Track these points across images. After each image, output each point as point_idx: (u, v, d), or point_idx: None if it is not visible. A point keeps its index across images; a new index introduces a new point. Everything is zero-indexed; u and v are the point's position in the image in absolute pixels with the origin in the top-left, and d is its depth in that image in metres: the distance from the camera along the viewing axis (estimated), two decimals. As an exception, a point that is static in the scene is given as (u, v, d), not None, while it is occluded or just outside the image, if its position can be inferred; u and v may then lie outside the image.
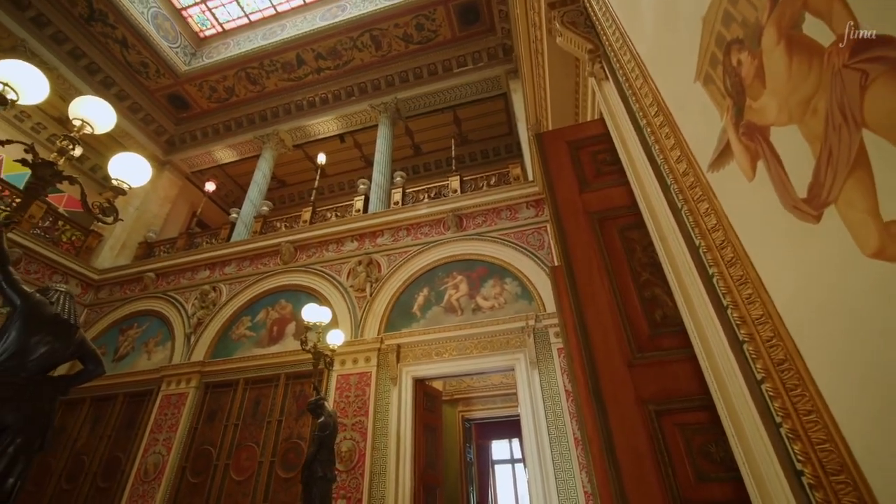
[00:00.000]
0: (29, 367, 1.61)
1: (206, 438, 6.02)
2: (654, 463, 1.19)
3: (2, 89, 1.68)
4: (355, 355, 5.92)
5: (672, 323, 1.41)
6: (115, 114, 2.17)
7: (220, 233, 8.70)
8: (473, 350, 5.55)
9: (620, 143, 1.61)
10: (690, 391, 1.30)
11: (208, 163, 10.83)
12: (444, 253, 6.55)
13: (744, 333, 0.92)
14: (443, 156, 11.37)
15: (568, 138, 1.91)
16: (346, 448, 5.22)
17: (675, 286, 1.23)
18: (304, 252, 7.48)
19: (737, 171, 0.93)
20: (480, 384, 9.28)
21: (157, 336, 7.48)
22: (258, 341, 6.75)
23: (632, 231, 1.62)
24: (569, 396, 4.93)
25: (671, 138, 1.19)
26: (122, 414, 6.70)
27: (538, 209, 6.53)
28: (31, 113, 9.46)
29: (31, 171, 1.74)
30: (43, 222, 7.89)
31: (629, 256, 1.56)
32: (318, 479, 3.77)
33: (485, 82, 8.95)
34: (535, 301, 5.68)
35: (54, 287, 1.88)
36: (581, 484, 4.46)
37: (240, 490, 5.48)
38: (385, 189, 7.93)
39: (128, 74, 9.32)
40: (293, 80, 9.77)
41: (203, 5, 9.50)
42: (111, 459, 6.24)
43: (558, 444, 4.70)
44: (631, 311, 1.45)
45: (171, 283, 8.05)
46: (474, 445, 9.50)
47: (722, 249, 0.99)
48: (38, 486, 6.28)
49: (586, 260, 1.56)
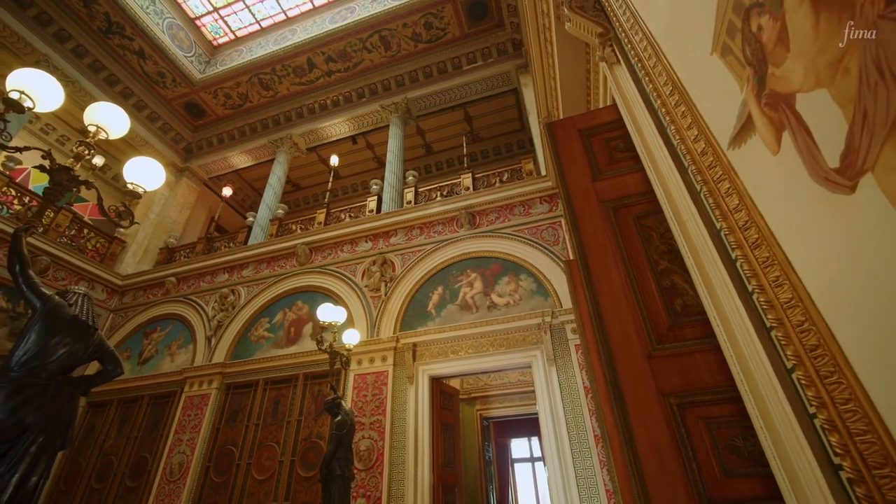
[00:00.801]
0: (50, 367, 1.64)
1: (229, 438, 6.13)
2: (678, 458, 1.14)
3: (18, 97, 1.71)
4: (372, 355, 5.94)
5: (693, 312, 1.35)
6: (129, 119, 2.21)
7: (238, 236, 8.84)
8: (489, 348, 5.51)
9: (634, 128, 1.55)
10: (714, 383, 1.24)
11: (225, 168, 11.03)
12: (457, 251, 6.52)
13: (771, 319, 0.86)
14: (455, 154, 11.35)
15: (580, 126, 1.86)
16: (364, 447, 5.24)
17: (696, 273, 1.17)
18: (319, 253, 7.55)
19: (760, 145, 0.87)
20: (498, 382, 9.22)
21: (179, 339, 7.65)
22: (276, 342, 6.84)
23: (648, 218, 1.55)
24: (588, 393, 4.84)
25: (687, 117, 1.13)
26: (147, 415, 6.87)
27: (552, 204, 6.44)
28: (55, 126, 9.79)
29: (49, 176, 1.78)
30: (69, 231, 8.15)
31: (646, 245, 1.50)
32: (336, 478, 3.78)
33: (495, 78, 8.88)
34: (551, 297, 5.60)
35: (73, 290, 1.92)
36: (602, 482, 4.38)
37: (262, 489, 5.56)
38: (397, 189, 7.94)
39: (145, 84, 9.56)
40: (305, 84, 9.87)
41: (216, 14, 9.67)
42: (138, 459, 6.40)
43: (578, 442, 4.62)
44: (649, 300, 1.40)
45: (192, 287, 8.22)
46: (493, 444, 9.45)
47: (745, 231, 0.93)
48: (69, 486, 6.50)
49: (601, 250, 1.51)
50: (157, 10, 8.86)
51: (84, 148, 1.96)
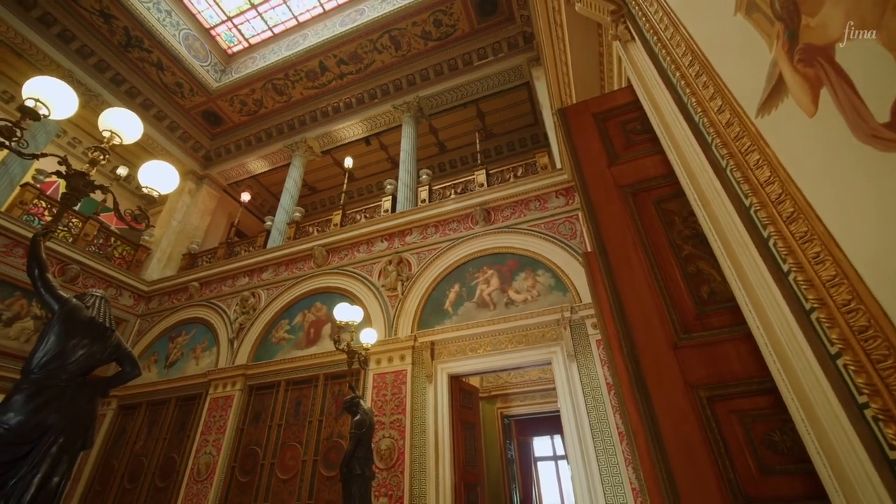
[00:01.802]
0: (69, 369, 1.67)
1: (253, 439, 6.22)
2: (709, 455, 1.06)
3: (33, 105, 1.75)
4: (390, 354, 5.94)
5: (721, 299, 1.27)
6: (142, 123, 2.24)
7: (257, 240, 8.99)
8: (508, 345, 5.43)
9: (651, 106, 1.47)
10: (746, 373, 1.16)
11: (243, 174, 11.24)
12: (473, 248, 6.46)
13: (812, 300, 0.78)
14: (468, 152, 11.28)
15: (594, 110, 1.78)
16: (385, 446, 5.24)
17: (723, 256, 1.09)
18: (336, 254, 7.60)
19: (793, 108, 0.79)
20: (518, 380, 9.12)
21: (203, 342, 7.82)
22: (297, 343, 6.91)
23: (669, 202, 1.47)
24: (610, 389, 4.72)
25: (709, 87, 1.05)
26: (175, 417, 7.04)
27: (568, 198, 6.32)
28: (81, 139, 10.15)
29: (66, 181, 1.81)
30: (97, 240, 8.42)
31: (668, 229, 1.41)
32: (356, 477, 3.78)
33: (507, 73, 8.78)
34: (570, 292, 5.49)
35: (91, 292, 1.96)
36: (628, 480, 4.25)
37: (286, 488, 5.63)
38: (412, 188, 7.93)
39: (164, 95, 9.81)
40: (317, 88, 9.96)
41: (229, 23, 9.85)
42: (167, 460, 6.57)
43: (601, 440, 4.51)
44: (673, 288, 1.31)
45: (214, 291, 8.39)
46: (515, 442, 9.35)
47: (779, 205, 0.85)
48: (103, 486, 6.72)
49: (620, 236, 1.43)
50: (173, 22, 9.08)
51: (99, 153, 1.98)
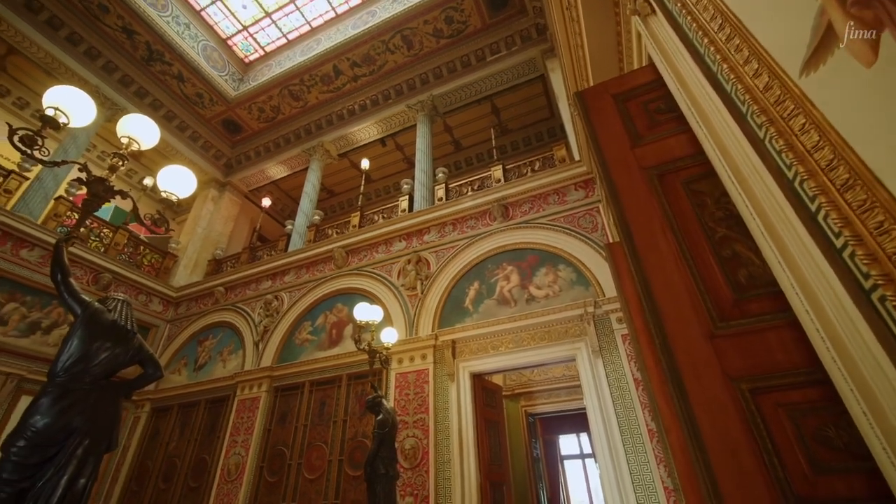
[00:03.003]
0: (93, 371, 1.70)
1: (279, 439, 6.31)
2: (754, 453, 0.97)
3: (53, 114, 1.78)
4: (412, 353, 5.92)
5: (761, 283, 1.17)
6: (160, 129, 2.26)
7: (278, 244, 9.13)
8: (530, 342, 5.33)
9: (676, 82, 1.38)
10: (792, 363, 1.06)
11: (263, 180, 11.45)
12: (491, 244, 6.38)
13: (876, 276, 0.69)
14: (484, 148, 11.18)
15: (613, 91, 1.69)
16: (409, 445, 5.23)
17: (764, 236, 1.00)
18: (355, 256, 7.64)
19: (846, 60, 0.71)
20: (541, 377, 8.98)
21: (230, 345, 7.99)
22: (319, 345, 6.98)
23: (699, 182, 1.37)
24: (638, 385, 4.57)
25: (743, 50, 0.96)
26: (204, 418, 7.21)
27: (588, 190, 6.16)
28: (109, 153, 10.53)
29: (86, 187, 1.84)
30: (127, 249, 8.72)
31: (699, 212, 1.32)
32: (380, 477, 3.77)
33: (520, 66, 8.65)
34: (593, 286, 5.35)
35: (113, 296, 1.99)
36: (660, 479, 4.10)
37: (313, 488, 5.68)
38: (428, 187, 7.90)
39: (185, 106, 10.08)
40: (332, 91, 10.05)
41: (245, 32, 10.05)
42: (198, 461, 6.73)
43: (630, 437, 4.37)
44: (707, 274, 1.22)
45: (239, 295, 8.57)
46: (540, 441, 9.21)
47: (830, 172, 0.76)
48: (139, 486, 6.94)
49: (646, 221, 1.35)
50: (192, 35, 9.31)
51: (118, 159, 2.01)
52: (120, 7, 8.16)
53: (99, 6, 8.11)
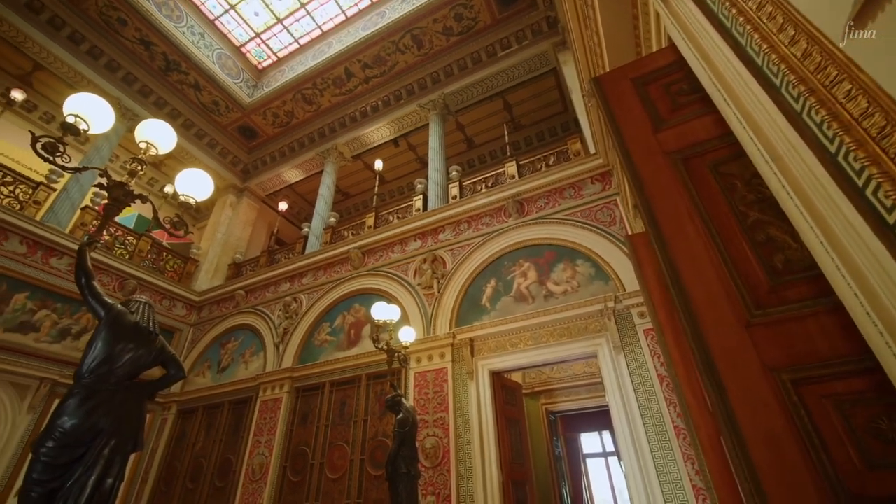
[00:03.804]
0: (117, 373, 1.73)
1: (302, 439, 6.38)
2: (799, 448, 0.91)
3: (73, 121, 1.81)
4: (430, 352, 5.91)
5: (799, 268, 1.10)
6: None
7: (295, 247, 9.25)
8: (549, 338, 5.26)
9: (700, 59, 1.31)
10: (835, 352, 0.99)
11: (279, 184, 11.62)
12: (507, 241, 6.32)
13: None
14: (497, 145, 11.10)
15: (632, 75, 1.63)
16: (429, 445, 5.21)
17: (803, 217, 0.93)
18: (371, 256, 7.67)
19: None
20: (561, 374, 8.86)
21: (251, 347, 8.12)
22: (338, 345, 7.03)
23: (728, 165, 1.31)
24: (663, 381, 4.45)
25: (777, 17, 0.90)
26: (229, 419, 7.35)
27: (605, 183, 6.04)
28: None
29: (107, 192, 1.87)
30: (150, 255, 8.94)
31: (728, 196, 1.25)
32: (402, 476, 3.76)
33: (532, 60, 8.55)
34: (613, 281, 5.24)
35: (135, 298, 2.02)
36: (687, 477, 3.99)
37: (336, 487, 5.72)
38: (442, 186, 7.88)
39: (203, 114, 10.29)
40: (344, 94, 10.12)
41: (258, 39, 10.20)
42: (224, 461, 6.86)
43: (656, 435, 4.26)
44: (740, 260, 1.16)
45: (258, 298, 8.70)
46: (562, 439, 9.09)
47: (882, 140, 0.70)
48: (168, 487, 7.12)
49: (673, 208, 1.29)
50: (206, 44, 9.50)
51: (137, 164, 2.04)
52: (137, 20, 8.38)
53: (118, 20, 8.34)
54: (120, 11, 8.21)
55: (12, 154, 8.27)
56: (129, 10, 8.20)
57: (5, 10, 7.37)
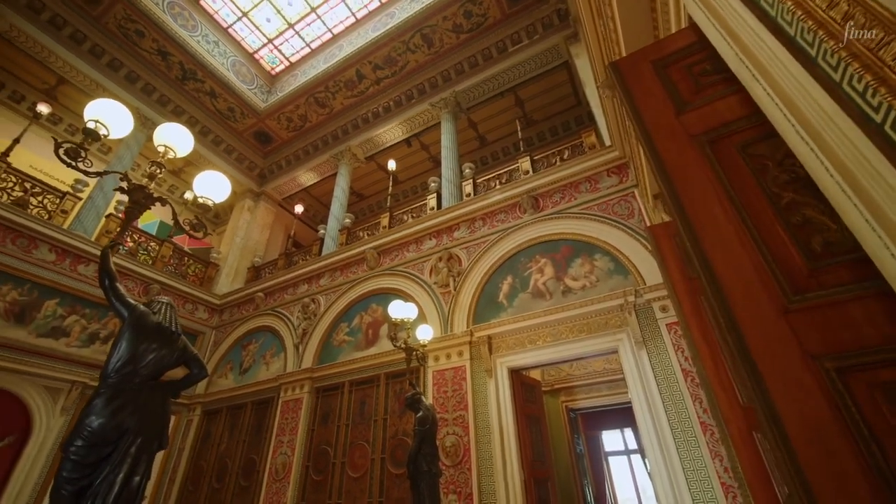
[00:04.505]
0: (141, 372, 1.76)
1: (323, 439, 6.44)
2: (847, 440, 0.85)
3: (94, 126, 1.85)
4: (448, 350, 5.89)
5: (839, 251, 1.04)
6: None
7: (312, 249, 9.35)
8: (569, 334, 5.18)
9: (726, 35, 1.25)
10: (882, 338, 0.93)
11: (295, 188, 11.76)
12: (523, 237, 6.26)
13: None
14: (510, 142, 11.03)
15: (652, 58, 1.57)
16: (450, 443, 5.19)
17: (846, 195, 0.87)
18: (386, 256, 7.70)
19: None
20: (581, 371, 8.74)
21: (271, 348, 8.24)
22: (357, 345, 7.08)
23: (757, 146, 1.24)
24: (687, 376, 4.34)
25: (814, -19, 0.84)
26: (251, 420, 7.47)
27: (621, 175, 5.93)
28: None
29: (128, 196, 1.90)
30: (173, 260, 9.16)
31: (759, 177, 1.19)
32: (423, 474, 3.75)
33: (543, 54, 8.45)
34: (632, 275, 5.13)
35: (157, 299, 2.06)
36: (716, 475, 3.88)
37: (357, 486, 5.75)
38: (455, 183, 7.85)
39: (219, 121, 10.49)
40: (356, 96, 10.19)
41: (270, 45, 10.34)
42: (248, 461, 6.98)
43: (681, 431, 4.15)
44: (775, 244, 1.10)
45: (277, 300, 8.83)
46: (583, 437, 8.97)
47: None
48: (195, 486, 7.27)
49: (700, 192, 1.23)
50: (221, 52, 9.68)
51: (156, 168, 2.07)
52: (154, 31, 8.58)
53: (136, 32, 8.56)
54: (138, 23, 8.43)
55: (40, 166, 8.57)
56: (146, 21, 8.41)
57: (30, 27, 7.64)
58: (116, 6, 8.14)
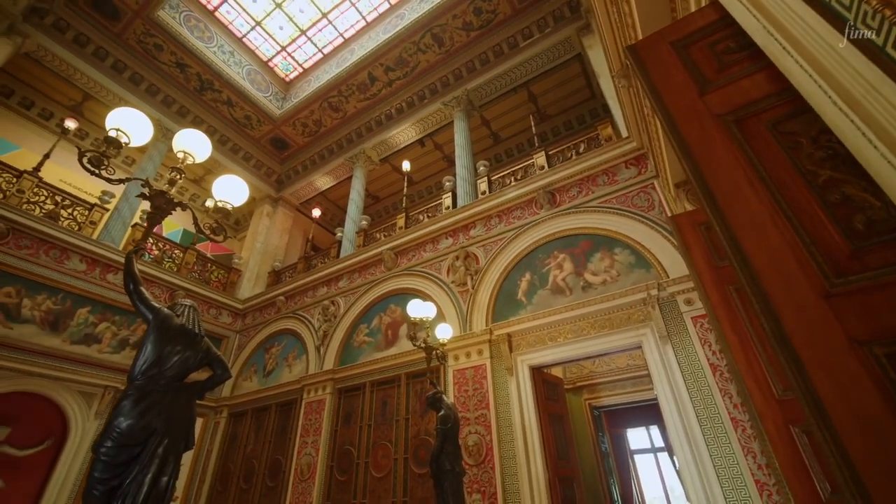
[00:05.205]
0: (167, 374, 1.79)
1: (346, 439, 6.49)
2: (904, 430, 0.79)
3: (115, 135, 1.89)
4: (467, 349, 5.86)
5: (885, 229, 0.97)
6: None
7: (330, 252, 9.45)
8: (590, 330, 5.08)
9: (752, 8, 1.19)
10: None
11: (311, 192, 11.92)
12: (540, 233, 6.18)
13: None
14: (524, 138, 10.92)
15: (671, 38, 1.51)
16: (472, 442, 5.16)
17: (892, 167, 0.81)
18: (404, 256, 7.72)
19: None
20: (604, 368, 8.58)
21: (293, 351, 8.36)
22: (377, 346, 7.11)
23: (788, 122, 1.17)
24: (715, 371, 4.21)
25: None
26: (276, 421, 7.59)
27: (640, 166, 5.79)
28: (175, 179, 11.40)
29: (149, 201, 1.94)
30: (196, 267, 9.39)
31: (792, 155, 1.13)
32: (446, 473, 3.73)
33: (555, 48, 8.33)
34: (654, 268, 5.01)
35: (181, 302, 2.10)
36: (749, 471, 3.74)
37: (381, 486, 5.78)
38: (470, 182, 7.81)
39: (236, 129, 10.71)
40: (369, 98, 10.25)
41: (284, 52, 10.50)
42: (274, 462, 7.09)
43: (711, 427, 4.03)
44: (812, 224, 1.03)
45: (298, 303, 8.95)
46: (607, 435, 8.81)
47: None
48: (223, 486, 7.43)
49: (728, 174, 1.17)
50: (236, 61, 9.88)
51: (176, 173, 2.11)
52: (172, 44, 8.82)
53: (154, 46, 8.81)
54: (156, 37, 8.67)
55: (69, 179, 8.90)
56: (164, 35, 8.65)
57: (56, 46, 7.96)
58: (136, 21, 8.40)
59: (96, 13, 8.17)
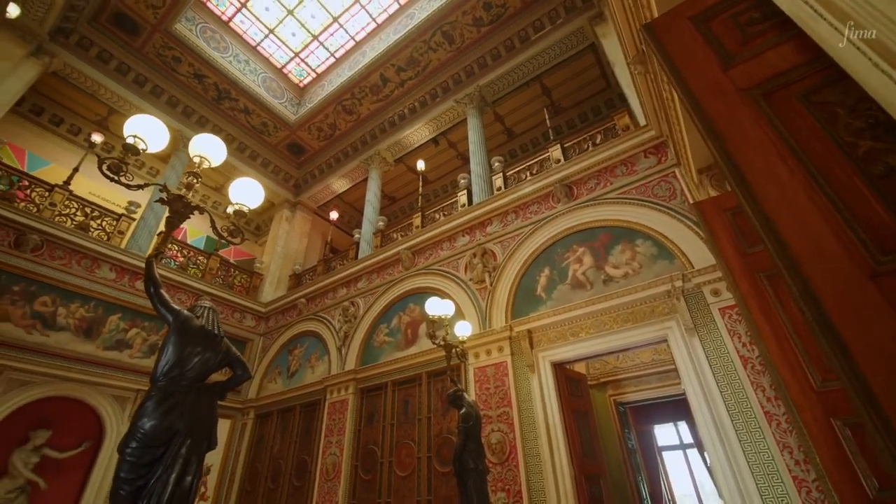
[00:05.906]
0: (188, 375, 1.81)
1: (370, 439, 6.53)
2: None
3: (133, 141, 1.93)
4: (488, 346, 5.81)
5: (937, 201, 0.89)
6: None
7: (349, 253, 9.53)
8: (613, 325, 4.97)
9: (779, -27, 1.11)
10: None
11: (328, 195, 12.06)
12: (558, 227, 6.07)
13: None
14: (538, 132, 10.78)
15: (690, 13, 1.43)
16: (495, 440, 5.11)
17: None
18: (421, 256, 7.71)
19: None
20: (628, 363, 8.39)
21: (316, 352, 8.47)
22: (397, 345, 7.13)
23: (821, 93, 1.09)
24: (746, 363, 4.04)
25: None
26: (300, 422, 7.70)
27: (660, 155, 5.62)
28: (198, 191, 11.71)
29: (167, 205, 1.97)
30: (220, 272, 9.61)
31: (827, 126, 1.05)
32: (469, 472, 3.70)
33: (568, 39, 8.19)
34: (678, 259, 4.85)
35: (200, 304, 2.13)
36: (785, 467, 3.58)
37: (405, 485, 5.79)
38: (485, 178, 7.75)
39: (254, 136, 10.92)
40: (382, 100, 10.29)
41: (297, 59, 10.64)
42: (300, 462, 7.20)
43: (743, 422, 3.87)
44: (853, 198, 0.96)
45: (319, 305, 9.06)
46: (634, 431, 8.62)
47: None
48: (252, 487, 7.59)
49: (758, 150, 1.10)
50: (251, 70, 10.06)
51: (193, 178, 2.14)
52: (190, 55, 9.04)
53: (173, 58, 9.05)
54: (174, 50, 8.91)
55: (98, 191, 9.23)
56: (182, 47, 8.88)
57: (81, 64, 8.27)
58: (155, 35, 8.64)
59: (117, 29, 8.44)
